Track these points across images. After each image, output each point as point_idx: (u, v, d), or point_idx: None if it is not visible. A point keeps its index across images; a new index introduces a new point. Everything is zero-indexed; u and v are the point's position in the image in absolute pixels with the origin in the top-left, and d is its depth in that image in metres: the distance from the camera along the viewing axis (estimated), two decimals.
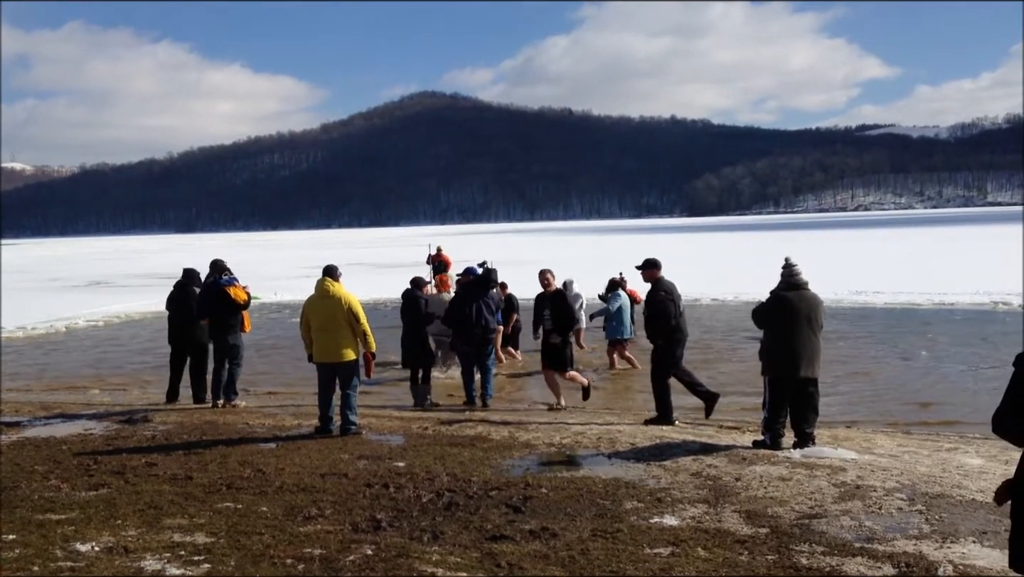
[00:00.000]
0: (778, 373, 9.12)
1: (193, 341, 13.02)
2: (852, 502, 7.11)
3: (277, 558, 5.99)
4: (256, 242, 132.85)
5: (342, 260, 13.56)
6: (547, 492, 7.49)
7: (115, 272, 55.05)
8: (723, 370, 15.66)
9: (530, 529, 6.48)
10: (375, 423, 10.75)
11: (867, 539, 6.22)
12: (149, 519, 6.94)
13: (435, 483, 7.85)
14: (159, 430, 10.65)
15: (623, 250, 64.28)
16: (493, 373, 12.77)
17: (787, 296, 9.21)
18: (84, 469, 8.70)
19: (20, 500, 7.55)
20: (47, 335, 23.70)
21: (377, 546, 6.16)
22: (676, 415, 11.03)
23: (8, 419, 11.66)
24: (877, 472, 8.02)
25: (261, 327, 22.59)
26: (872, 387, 13.80)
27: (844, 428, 10.48)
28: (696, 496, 7.35)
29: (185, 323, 12.97)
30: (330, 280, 10.50)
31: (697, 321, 22.58)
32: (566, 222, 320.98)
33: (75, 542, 6.38)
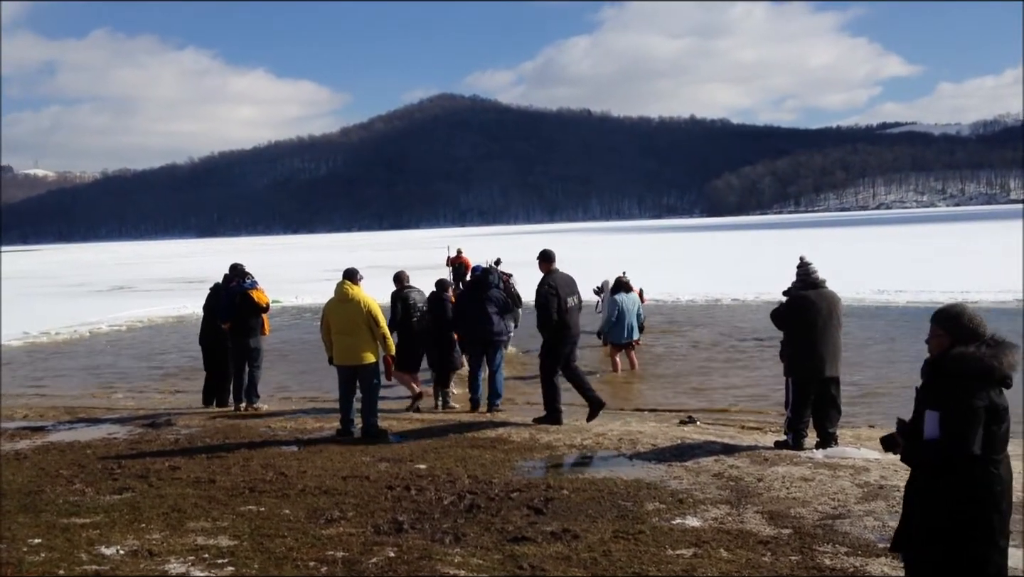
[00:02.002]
0: (802, 374, 9.06)
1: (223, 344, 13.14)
2: (875, 502, 7.07)
3: (300, 561, 6.02)
4: (277, 246, 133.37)
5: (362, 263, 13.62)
6: (568, 493, 7.48)
7: (138, 277, 55.41)
8: (743, 370, 15.61)
9: (552, 531, 6.48)
10: (396, 425, 10.78)
11: (891, 539, 6.18)
12: (173, 522, 6.99)
13: (456, 485, 7.87)
14: (182, 434, 10.72)
15: (643, 250, 64.19)
16: (502, 375, 12.43)
17: (806, 295, 9.16)
18: (108, 473, 8.77)
19: (45, 504, 7.63)
20: (71, 340, 23.87)
21: (399, 548, 6.18)
22: (697, 416, 11.02)
23: (33, 423, 11.77)
24: (901, 472, 7.96)
25: (281, 329, 22.70)
26: (893, 386, 13.71)
27: (867, 428, 10.42)
28: (718, 497, 7.33)
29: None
30: (350, 283, 10.53)
31: (722, 322, 22.52)
32: (586, 223, 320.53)
33: (100, 545, 6.44)
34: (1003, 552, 4.21)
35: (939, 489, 4.19)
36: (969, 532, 4.14)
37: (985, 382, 4.13)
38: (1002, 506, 4.18)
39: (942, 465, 4.15)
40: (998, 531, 4.17)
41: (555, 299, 10.56)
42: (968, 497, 4.14)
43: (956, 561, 4.16)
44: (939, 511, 4.19)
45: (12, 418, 12.31)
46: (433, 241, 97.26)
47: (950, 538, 4.16)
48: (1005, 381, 4.18)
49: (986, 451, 4.10)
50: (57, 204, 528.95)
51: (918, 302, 24.80)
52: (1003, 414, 4.15)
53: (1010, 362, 4.17)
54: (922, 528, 4.27)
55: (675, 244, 77.62)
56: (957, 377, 4.15)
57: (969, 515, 4.14)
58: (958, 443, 4.07)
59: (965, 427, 4.05)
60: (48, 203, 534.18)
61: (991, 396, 4.12)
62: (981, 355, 4.16)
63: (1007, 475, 4.21)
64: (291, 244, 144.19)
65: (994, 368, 4.13)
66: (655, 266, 43.85)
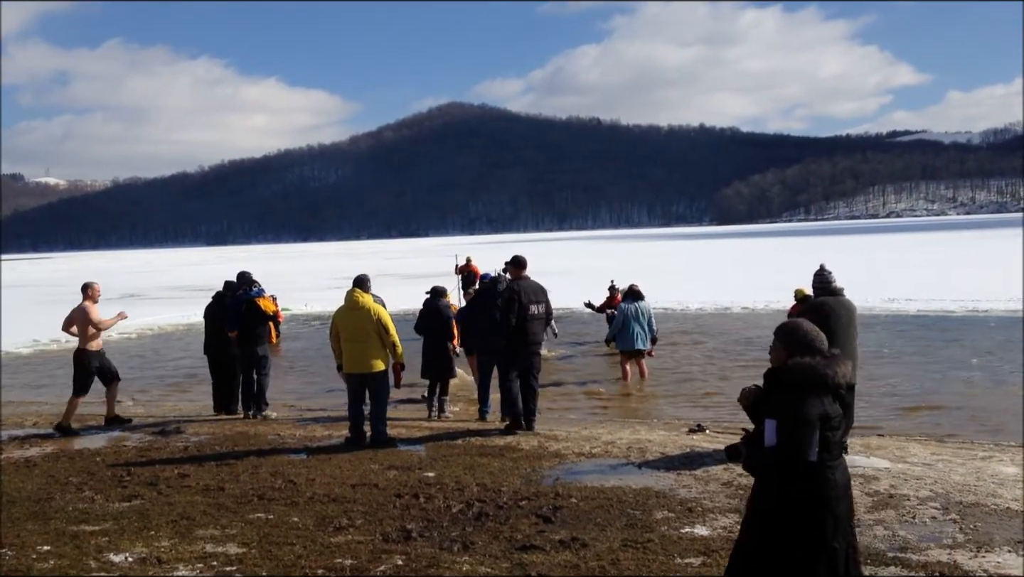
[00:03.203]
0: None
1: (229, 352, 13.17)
2: (885, 511, 7.04)
3: (308, 568, 6.01)
4: (287, 254, 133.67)
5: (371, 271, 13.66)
6: (577, 502, 7.47)
7: (148, 285, 55.57)
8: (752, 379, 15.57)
9: (560, 539, 6.47)
10: (405, 433, 10.77)
11: (901, 548, 6.16)
12: (182, 530, 6.99)
13: (465, 493, 7.86)
14: (191, 441, 10.73)
15: (652, 258, 64.15)
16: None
17: (826, 301, 9.14)
18: (117, 480, 8.78)
19: (54, 511, 7.64)
20: None
21: (407, 556, 6.18)
22: (706, 424, 10.99)
23: (42, 431, 11.81)
24: (910, 481, 7.94)
25: (289, 338, 22.73)
26: (902, 395, 13.66)
27: (877, 437, 10.38)
28: (727, 506, 7.31)
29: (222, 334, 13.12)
30: (360, 291, 10.53)
31: (732, 330, 22.48)
32: (595, 231, 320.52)
33: (109, 553, 6.45)
34: (837, 554, 4.34)
35: (777, 495, 4.36)
36: (804, 536, 4.30)
37: (819, 391, 4.33)
38: (837, 510, 4.35)
39: (780, 471, 4.33)
40: (831, 534, 4.32)
41: (515, 304, 10.56)
42: (804, 502, 4.31)
43: (790, 563, 4.31)
44: (777, 516, 4.35)
45: (22, 425, 12.35)
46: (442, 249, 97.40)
47: (786, 541, 4.32)
48: (838, 390, 4.39)
49: (822, 457, 4.30)
50: (68, 212, 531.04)
51: (928, 311, 24.75)
52: (837, 421, 4.37)
53: (843, 372, 4.40)
54: (760, 533, 4.42)
55: (685, 252, 77.53)
56: (793, 386, 4.35)
57: (805, 519, 4.30)
58: (794, 449, 4.25)
59: (801, 434, 4.24)
60: (59, 211, 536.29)
61: (825, 404, 4.32)
62: (815, 364, 4.37)
63: (842, 480, 4.40)
64: (300, 252, 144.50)
65: (827, 376, 4.34)
66: (665, 274, 43.81)
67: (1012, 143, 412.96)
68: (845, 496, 4.42)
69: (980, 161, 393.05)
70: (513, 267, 10.98)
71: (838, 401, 4.42)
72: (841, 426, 4.42)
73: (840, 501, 4.37)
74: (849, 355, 8.95)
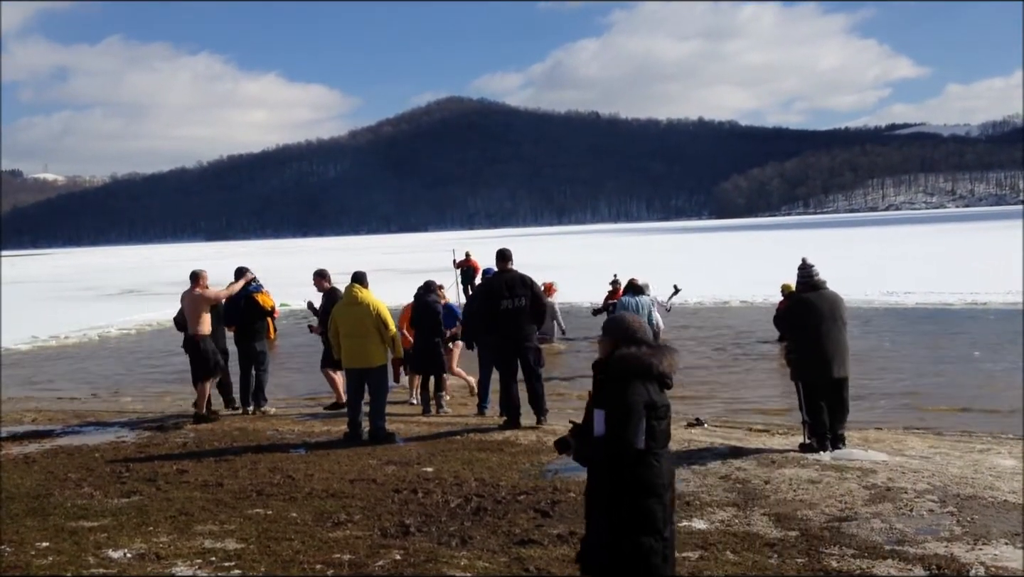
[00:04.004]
0: (811, 377, 9.03)
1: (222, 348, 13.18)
2: (883, 504, 7.05)
3: (307, 564, 6.03)
4: (286, 249, 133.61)
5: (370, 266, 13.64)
6: (575, 496, 7.47)
7: (147, 280, 55.52)
8: (750, 373, 15.60)
9: (558, 533, 6.48)
10: (404, 428, 10.78)
11: (898, 541, 6.17)
12: (180, 525, 7.00)
13: (463, 488, 7.87)
14: (190, 437, 10.75)
15: (651, 252, 64.12)
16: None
17: (807, 297, 9.14)
18: (116, 476, 8.79)
19: (53, 507, 7.65)
20: (80, 344, 23.96)
21: (406, 551, 6.19)
22: (705, 417, 11.01)
23: (41, 427, 11.81)
24: (908, 474, 7.95)
25: (287, 334, 22.72)
26: (901, 388, 13.66)
27: (874, 430, 10.38)
28: (725, 499, 7.32)
29: None
30: (359, 287, 10.54)
31: (731, 324, 22.48)
32: (594, 225, 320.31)
33: (107, 549, 6.46)
34: (667, 542, 4.48)
35: (607, 483, 4.47)
36: (634, 523, 4.41)
37: (644, 379, 4.47)
38: (665, 498, 4.48)
39: (610, 460, 4.44)
40: (661, 521, 4.45)
41: (484, 301, 10.63)
42: (633, 489, 4.42)
43: (621, 550, 4.41)
44: (608, 504, 4.46)
45: (21, 422, 12.35)
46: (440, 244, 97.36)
47: (617, 529, 4.42)
48: (664, 380, 4.54)
49: (649, 445, 4.42)
50: (67, 208, 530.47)
51: (927, 303, 24.74)
52: (663, 411, 4.51)
53: (668, 362, 4.56)
54: (596, 522, 4.54)
55: (683, 246, 77.50)
56: (619, 377, 4.48)
57: (634, 507, 4.41)
58: (621, 438, 4.38)
59: (627, 423, 4.37)
60: (58, 207, 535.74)
61: (651, 393, 4.46)
62: (640, 355, 4.52)
63: (671, 470, 4.55)
64: (299, 247, 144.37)
65: (652, 366, 4.49)
66: (664, 269, 43.80)
67: (1011, 136, 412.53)
68: (672, 486, 4.55)
69: (979, 154, 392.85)
70: (498, 260, 11.01)
71: (664, 391, 4.55)
72: (667, 416, 4.54)
73: (667, 489, 4.51)
74: (835, 349, 8.96)
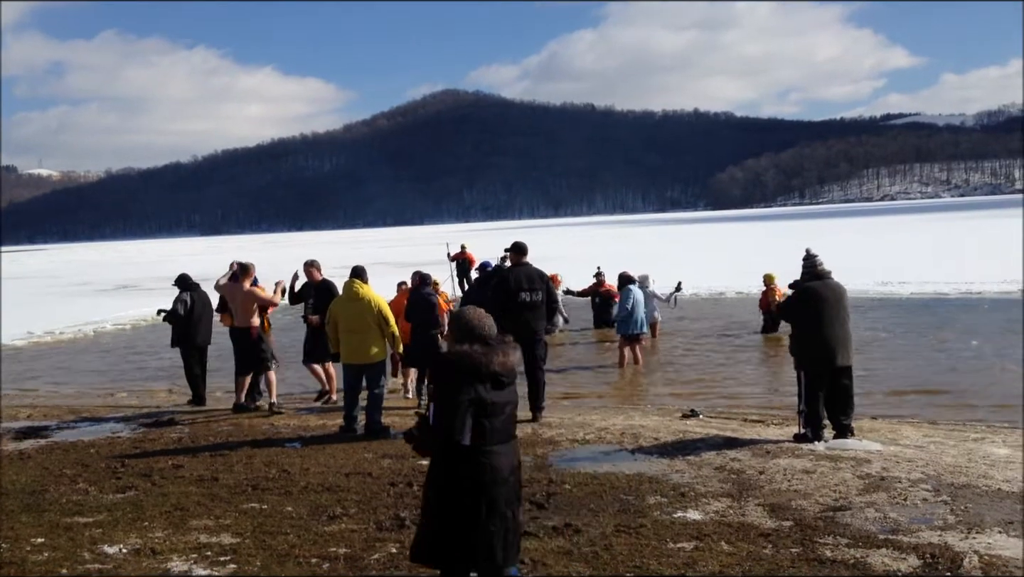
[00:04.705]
0: (813, 365, 9.04)
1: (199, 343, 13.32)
2: (877, 494, 7.07)
3: (302, 557, 6.03)
4: (281, 243, 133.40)
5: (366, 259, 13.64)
6: (570, 488, 7.50)
7: (142, 276, 55.42)
8: (746, 364, 15.62)
9: (553, 525, 6.49)
10: (399, 422, 10.78)
11: (892, 531, 6.19)
12: (176, 520, 7.01)
13: None
14: (185, 432, 10.74)
15: (647, 244, 64.13)
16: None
17: (813, 286, 9.15)
18: (112, 472, 8.79)
19: (48, 503, 7.65)
20: (75, 339, 23.93)
21: (401, 544, 6.19)
22: (700, 409, 11.03)
23: (36, 423, 11.80)
24: (902, 463, 7.97)
25: (286, 329, 22.68)
26: (896, 378, 13.68)
27: (869, 420, 10.39)
28: (720, 490, 7.34)
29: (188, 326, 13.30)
30: (359, 282, 10.50)
31: (726, 315, 22.49)
32: (590, 217, 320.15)
33: (103, 544, 6.46)
34: (494, 535, 4.56)
35: (440, 476, 4.61)
36: (460, 515, 4.53)
37: (472, 378, 4.52)
38: (493, 492, 4.55)
39: (443, 454, 4.56)
40: (487, 516, 4.53)
41: (500, 293, 10.49)
42: (460, 483, 4.53)
43: (449, 541, 4.56)
44: (437, 496, 4.62)
45: (16, 418, 12.33)
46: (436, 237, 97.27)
47: (445, 520, 4.57)
48: (496, 378, 4.58)
49: (476, 442, 4.50)
50: (62, 204, 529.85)
51: (922, 293, 24.78)
52: (493, 408, 4.56)
53: (501, 361, 4.60)
54: (429, 512, 4.67)
55: (679, 238, 77.48)
56: (447, 373, 4.58)
57: (459, 500, 4.54)
58: (446, 433, 4.47)
59: (452, 418, 4.45)
60: (53, 203, 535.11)
61: (480, 391, 4.52)
62: (469, 353, 4.57)
63: (501, 465, 4.58)
64: (295, 241, 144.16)
65: (480, 364, 4.54)
66: (660, 260, 43.79)
67: (1006, 125, 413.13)
68: (505, 481, 4.60)
69: (974, 143, 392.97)
70: (513, 253, 10.89)
71: (501, 388, 4.61)
72: (501, 414, 4.59)
73: (496, 485, 4.56)
74: (840, 337, 8.97)
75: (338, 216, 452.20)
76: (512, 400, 4.72)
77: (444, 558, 4.61)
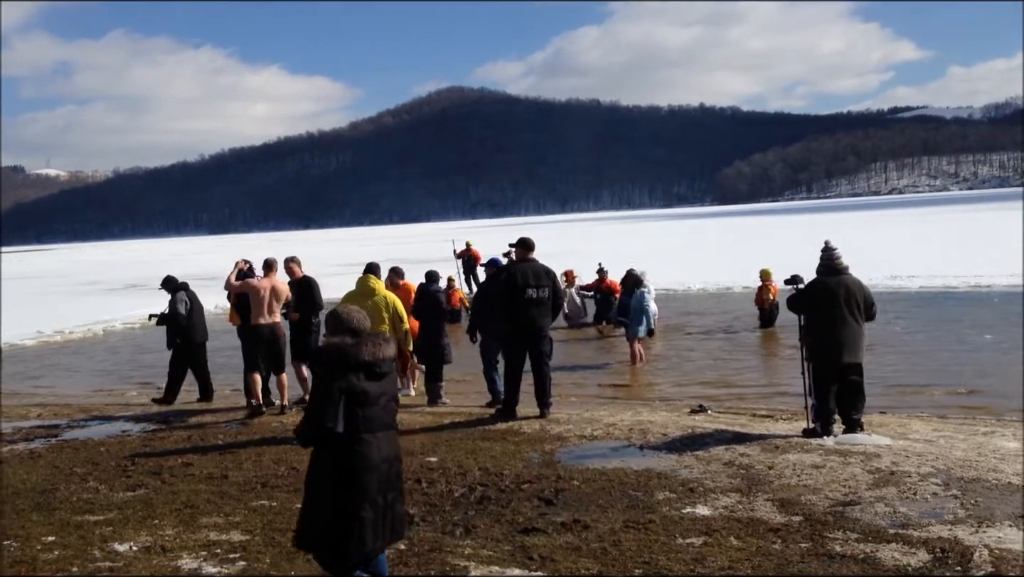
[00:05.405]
0: (820, 360, 9.03)
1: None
2: (886, 488, 7.05)
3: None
4: (289, 241, 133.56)
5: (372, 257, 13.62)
6: (579, 484, 7.49)
7: (151, 275, 55.45)
8: (753, 358, 15.61)
9: (562, 521, 6.50)
10: (407, 419, 10.77)
11: (902, 525, 6.18)
12: (186, 518, 7.03)
13: (467, 477, 7.89)
14: (195, 430, 10.76)
15: (654, 239, 64.04)
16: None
17: (824, 281, 9.10)
18: (122, 470, 8.82)
19: (59, 502, 7.68)
20: (84, 338, 24.01)
21: (410, 541, 6.20)
22: (708, 404, 11.01)
23: (47, 422, 11.85)
24: (912, 457, 7.95)
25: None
26: (903, 371, 13.64)
27: (878, 414, 10.37)
28: (729, 485, 7.33)
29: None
30: (375, 278, 10.46)
31: (733, 310, 22.46)
32: (597, 213, 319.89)
33: (113, 542, 6.48)
34: (365, 522, 4.75)
35: (312, 462, 4.87)
36: (330, 500, 4.74)
37: (343, 368, 4.72)
38: (364, 480, 4.74)
39: (314, 442, 4.78)
40: (357, 502, 4.73)
41: (510, 290, 10.43)
42: (330, 469, 4.75)
43: (323, 527, 4.76)
44: (312, 481, 4.85)
45: (26, 417, 12.38)
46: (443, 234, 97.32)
47: (320, 506, 4.78)
48: (369, 368, 4.79)
49: (349, 430, 4.70)
50: (70, 203, 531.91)
51: (931, 287, 24.70)
52: (366, 398, 4.76)
53: (371, 352, 4.80)
54: (307, 498, 4.89)
55: (686, 233, 77.37)
56: (320, 364, 4.82)
57: (331, 485, 4.75)
58: (315, 420, 4.69)
59: (321, 406, 4.68)
60: (61, 202, 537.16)
61: (351, 381, 4.72)
62: (339, 344, 4.79)
63: (371, 453, 4.77)
64: (302, 239, 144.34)
65: (349, 356, 4.74)
66: (667, 255, 43.78)
67: (1013, 117, 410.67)
68: (375, 469, 4.78)
69: (981, 136, 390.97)
70: (520, 248, 10.79)
71: (375, 379, 4.80)
72: (376, 404, 4.79)
73: (367, 473, 4.75)
74: (847, 335, 8.93)
75: (345, 214, 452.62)
76: (388, 391, 4.91)
77: (319, 543, 4.82)
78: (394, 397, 5.01)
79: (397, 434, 5.06)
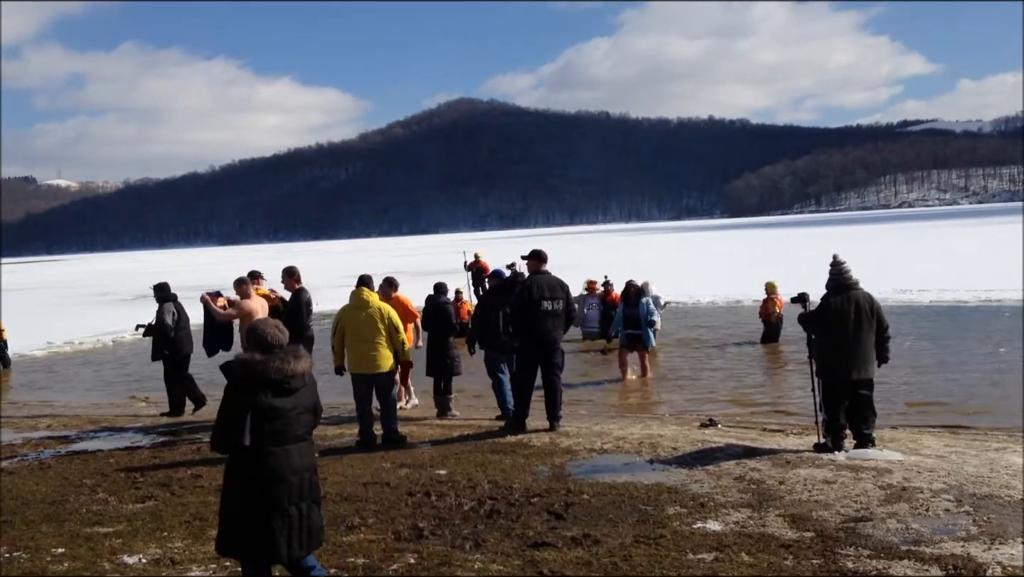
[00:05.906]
0: (831, 376, 9.00)
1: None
2: (898, 504, 7.01)
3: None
4: (298, 252, 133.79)
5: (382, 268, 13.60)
6: (589, 498, 7.47)
7: None
8: (764, 373, 15.55)
9: (572, 536, 6.47)
10: (416, 431, 10.77)
11: (914, 541, 6.14)
12: (195, 530, 7.02)
13: (477, 491, 7.86)
14: (204, 442, 10.74)
15: (663, 252, 63.99)
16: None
17: (832, 302, 9.04)
18: (131, 482, 8.82)
19: (69, 513, 7.68)
20: (94, 349, 24.05)
21: (419, 555, 6.19)
22: (719, 418, 10.96)
23: (56, 433, 11.86)
24: (924, 473, 7.91)
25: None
26: (913, 386, 13.58)
27: (890, 429, 10.33)
28: (739, 501, 7.29)
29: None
30: (367, 290, 10.48)
31: (743, 323, 22.41)
32: (606, 225, 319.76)
33: (122, 554, 6.48)
34: (276, 531, 4.88)
35: (225, 471, 5.02)
36: (237, 509, 4.89)
37: (250, 384, 4.86)
38: (273, 490, 4.87)
39: (227, 451, 4.94)
40: (268, 512, 4.86)
41: (525, 302, 10.38)
42: (241, 479, 4.90)
43: (238, 534, 4.90)
44: (226, 492, 4.99)
45: (36, 428, 12.41)
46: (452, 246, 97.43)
47: (234, 515, 4.91)
48: (277, 385, 4.91)
49: (256, 443, 4.84)
50: (80, 214, 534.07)
51: (941, 301, 24.63)
52: (273, 412, 4.88)
53: (278, 368, 4.91)
54: (222, 508, 5.04)
55: (696, 246, 77.31)
56: (231, 379, 4.93)
57: (240, 495, 4.89)
58: (222, 432, 4.88)
59: (229, 420, 4.85)
60: (71, 213, 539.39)
61: (259, 397, 4.84)
62: (247, 360, 4.93)
63: (280, 465, 4.90)
64: (312, 250, 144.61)
65: (256, 373, 4.87)
66: (676, 268, 43.73)
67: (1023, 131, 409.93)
68: (283, 480, 4.90)
69: (991, 149, 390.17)
70: (533, 260, 10.74)
71: (284, 395, 4.91)
72: (283, 418, 4.90)
73: (275, 484, 4.87)
74: (858, 353, 8.88)
75: (354, 225, 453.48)
76: (301, 404, 5.01)
77: (238, 550, 4.97)
78: (309, 409, 5.12)
79: (312, 445, 5.19)
